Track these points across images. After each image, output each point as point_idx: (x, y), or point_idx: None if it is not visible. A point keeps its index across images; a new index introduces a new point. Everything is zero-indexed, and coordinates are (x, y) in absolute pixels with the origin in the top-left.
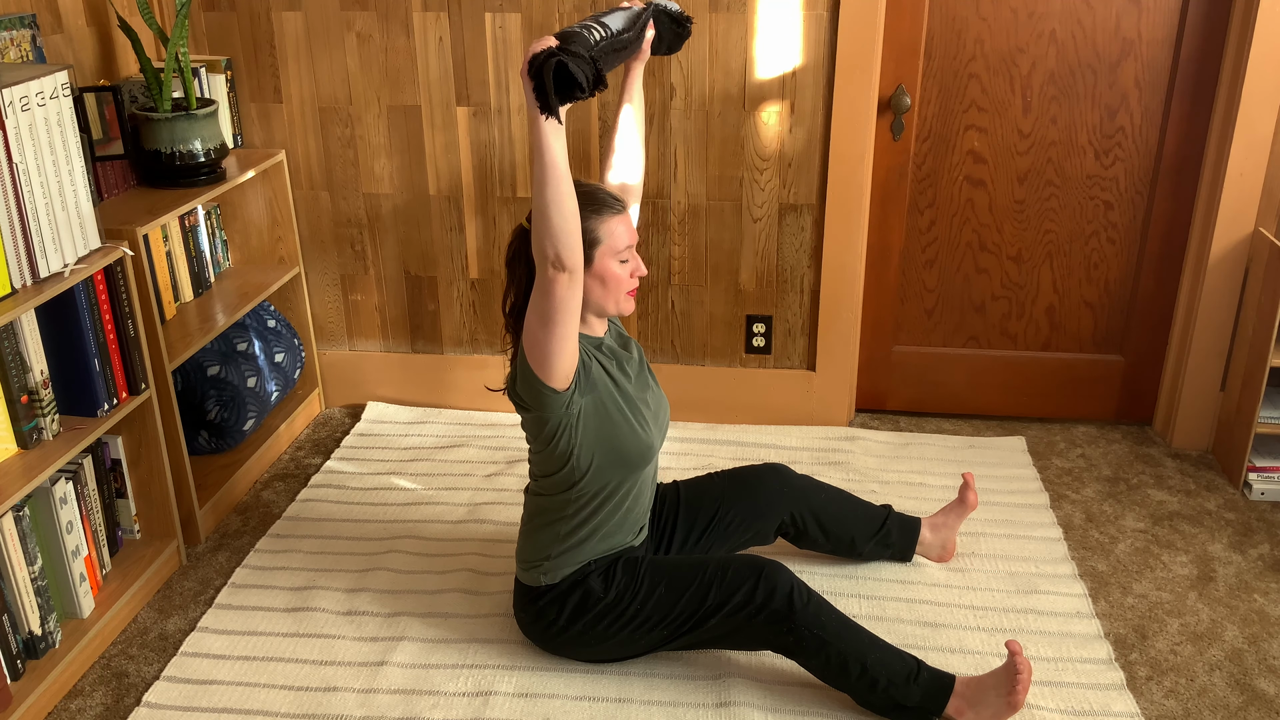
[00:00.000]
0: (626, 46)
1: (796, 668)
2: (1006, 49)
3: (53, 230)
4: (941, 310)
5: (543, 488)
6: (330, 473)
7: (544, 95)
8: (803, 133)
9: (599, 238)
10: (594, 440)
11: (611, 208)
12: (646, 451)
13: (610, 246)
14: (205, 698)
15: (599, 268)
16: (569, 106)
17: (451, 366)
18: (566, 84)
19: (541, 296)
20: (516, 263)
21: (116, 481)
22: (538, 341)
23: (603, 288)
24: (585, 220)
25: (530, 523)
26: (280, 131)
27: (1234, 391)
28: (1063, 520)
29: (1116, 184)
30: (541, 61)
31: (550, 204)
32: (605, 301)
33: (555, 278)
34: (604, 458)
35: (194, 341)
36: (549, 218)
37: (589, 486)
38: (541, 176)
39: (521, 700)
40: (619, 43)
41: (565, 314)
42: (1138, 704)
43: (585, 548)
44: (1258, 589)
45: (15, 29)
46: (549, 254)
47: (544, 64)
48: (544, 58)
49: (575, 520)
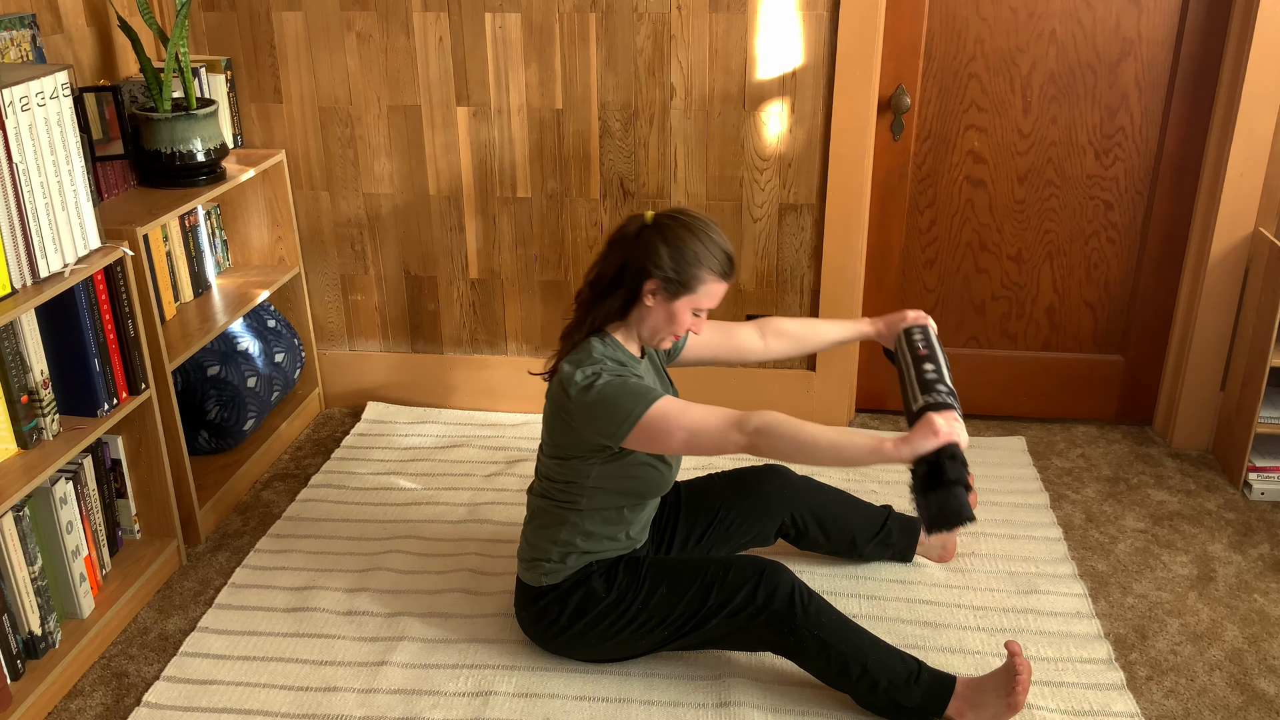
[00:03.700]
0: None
1: (797, 668)
2: (1006, 49)
3: (53, 230)
4: (941, 310)
5: (548, 491)
6: (330, 473)
7: (932, 510)
8: (803, 133)
9: (697, 289)
10: (613, 471)
11: (726, 275)
12: (663, 485)
13: (698, 299)
14: (205, 698)
15: (677, 307)
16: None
17: (451, 366)
18: (955, 517)
19: (708, 443)
20: (624, 263)
21: (116, 481)
22: (649, 437)
23: (664, 323)
24: (700, 269)
25: (533, 523)
26: (280, 131)
27: (1234, 391)
28: (1063, 520)
29: (1116, 184)
30: (950, 486)
31: (804, 460)
32: (656, 332)
33: (734, 446)
34: (618, 483)
35: (194, 341)
36: (791, 458)
37: (595, 503)
38: (823, 459)
39: (521, 700)
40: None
41: (698, 451)
42: (1138, 704)
43: (588, 551)
44: (1258, 589)
45: (15, 29)
46: (752, 449)
47: (953, 495)
48: (956, 484)
49: (580, 528)
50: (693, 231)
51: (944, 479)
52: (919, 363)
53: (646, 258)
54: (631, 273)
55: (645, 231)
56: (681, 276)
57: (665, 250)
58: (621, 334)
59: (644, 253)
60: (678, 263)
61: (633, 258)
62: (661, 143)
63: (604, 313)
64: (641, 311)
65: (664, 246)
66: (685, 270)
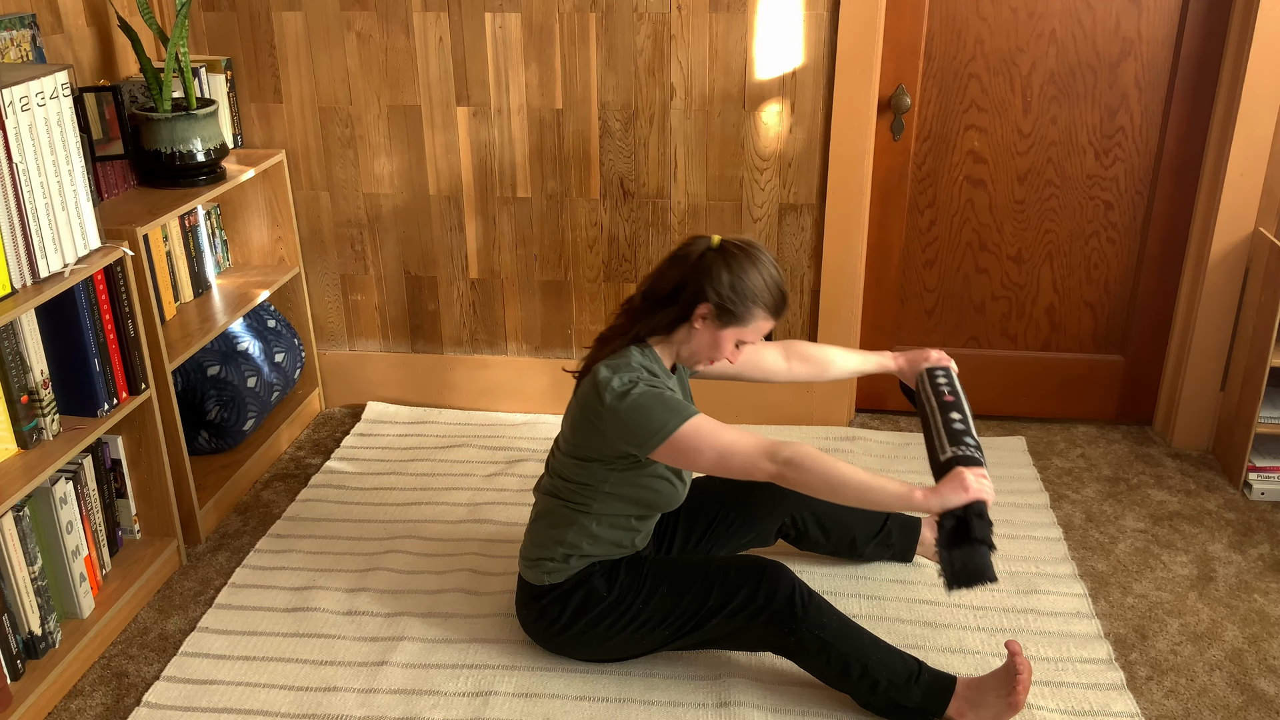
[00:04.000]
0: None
1: (797, 668)
2: (1006, 49)
3: (53, 230)
4: (941, 310)
5: (560, 490)
6: (330, 473)
7: (955, 565)
8: (803, 133)
9: (747, 322)
10: (630, 479)
11: (776, 312)
12: (674, 502)
13: (745, 332)
14: (205, 698)
15: (724, 334)
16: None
17: (451, 366)
18: (978, 575)
19: (737, 466)
20: (682, 282)
21: (116, 481)
22: (678, 452)
23: (706, 348)
24: (756, 303)
25: (539, 521)
26: (280, 131)
27: (1234, 391)
28: (1063, 520)
29: (1116, 184)
30: (976, 544)
31: (832, 497)
32: (696, 355)
33: (762, 474)
34: (632, 493)
35: (194, 341)
36: (818, 494)
37: (606, 509)
38: (851, 499)
39: (521, 700)
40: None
41: (724, 473)
42: (1138, 704)
43: (592, 554)
44: (1258, 589)
45: (15, 29)
46: (780, 479)
47: (978, 553)
48: (982, 543)
49: (587, 531)
50: (756, 265)
51: (970, 536)
52: (945, 410)
53: (706, 281)
54: (688, 293)
55: (710, 254)
56: (736, 306)
57: (726, 277)
58: (660, 348)
59: (704, 275)
60: (736, 292)
61: (691, 278)
62: (661, 143)
63: (651, 325)
64: (688, 332)
65: (726, 273)
66: (741, 301)
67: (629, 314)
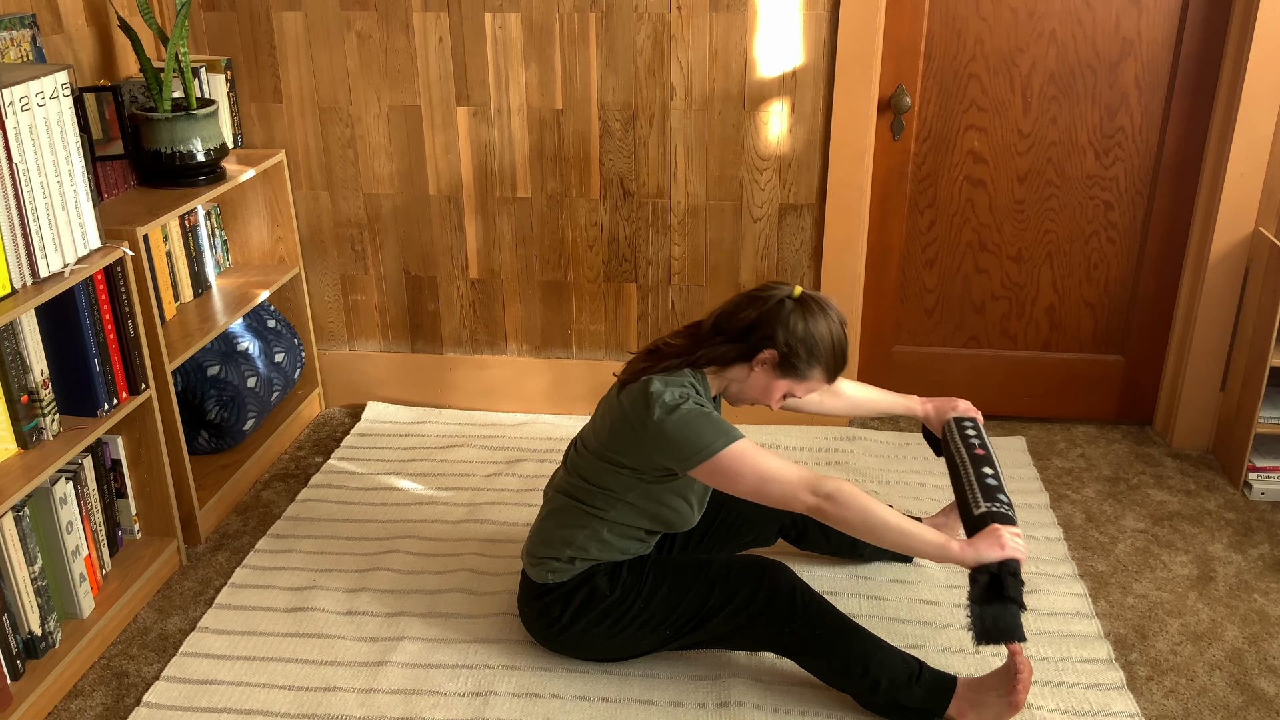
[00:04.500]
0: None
1: (797, 668)
2: (1006, 49)
3: (53, 230)
4: (941, 310)
5: (576, 492)
6: (330, 473)
7: (986, 621)
8: (803, 133)
9: (804, 378)
10: (653, 494)
11: (832, 376)
12: (687, 524)
13: (797, 386)
14: (205, 698)
15: (778, 384)
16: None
17: (451, 366)
18: (1008, 633)
19: (776, 494)
20: (756, 322)
21: (116, 481)
22: (719, 472)
23: (757, 391)
24: (819, 364)
25: (549, 519)
26: (280, 131)
27: (1234, 391)
28: (1063, 520)
29: (1116, 184)
30: (1008, 603)
31: (868, 537)
32: (744, 395)
33: (800, 505)
34: (651, 508)
35: (194, 341)
36: (856, 532)
37: (621, 518)
38: (888, 542)
39: (521, 700)
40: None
41: (762, 499)
42: (1138, 704)
43: (598, 557)
44: (1258, 589)
45: (15, 29)
46: (818, 512)
47: (1009, 612)
48: (1013, 603)
49: (598, 536)
50: (829, 325)
51: (1004, 594)
52: (977, 463)
53: (779, 328)
54: (757, 335)
55: (789, 303)
56: (799, 361)
57: (799, 330)
58: (711, 378)
59: (778, 322)
60: (806, 348)
61: (765, 321)
62: (661, 143)
63: (712, 355)
64: (744, 371)
65: (799, 326)
66: (805, 357)
67: (693, 338)
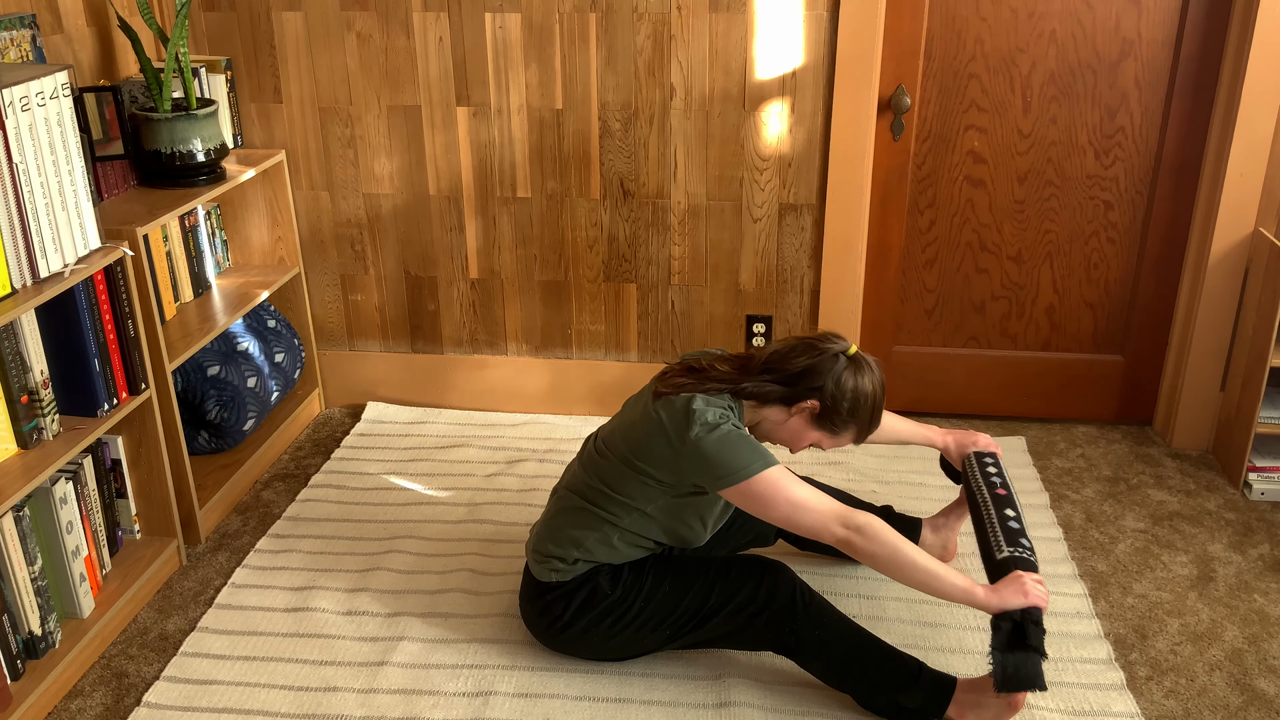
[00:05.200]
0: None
1: (797, 668)
2: (1006, 49)
3: (53, 230)
4: (941, 310)
5: (590, 495)
6: (330, 473)
7: (1008, 669)
8: (803, 133)
9: (835, 435)
10: (671, 508)
11: (861, 438)
12: (696, 542)
13: (827, 439)
14: (205, 698)
15: (809, 434)
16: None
17: (451, 366)
18: (1029, 680)
19: (807, 523)
20: (807, 370)
21: (116, 481)
22: (752, 495)
23: (788, 436)
24: (855, 423)
25: (559, 518)
26: (280, 131)
27: (1234, 391)
28: (1063, 520)
29: (1116, 184)
30: (1030, 652)
31: (894, 575)
32: (773, 435)
33: (829, 536)
34: (666, 522)
35: (194, 341)
36: (882, 569)
37: (634, 526)
38: (914, 582)
39: (521, 700)
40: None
41: (792, 526)
42: (1138, 704)
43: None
44: (1258, 589)
45: (15, 29)
46: (847, 544)
47: (1030, 660)
48: (1035, 651)
49: (608, 541)
50: (874, 390)
51: (1026, 643)
52: (1000, 504)
53: (829, 380)
54: (806, 383)
55: (843, 359)
56: (838, 416)
57: (848, 388)
58: (748, 410)
59: (829, 376)
60: (850, 406)
61: (817, 371)
62: (661, 143)
63: (756, 390)
64: (782, 413)
65: (848, 384)
66: (846, 415)
67: (741, 369)
